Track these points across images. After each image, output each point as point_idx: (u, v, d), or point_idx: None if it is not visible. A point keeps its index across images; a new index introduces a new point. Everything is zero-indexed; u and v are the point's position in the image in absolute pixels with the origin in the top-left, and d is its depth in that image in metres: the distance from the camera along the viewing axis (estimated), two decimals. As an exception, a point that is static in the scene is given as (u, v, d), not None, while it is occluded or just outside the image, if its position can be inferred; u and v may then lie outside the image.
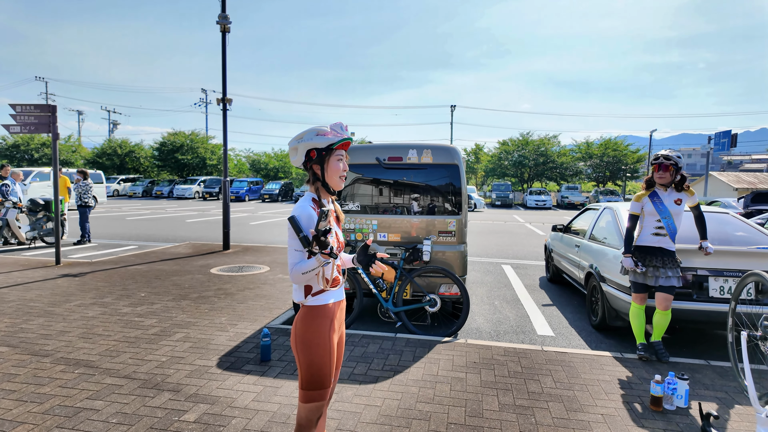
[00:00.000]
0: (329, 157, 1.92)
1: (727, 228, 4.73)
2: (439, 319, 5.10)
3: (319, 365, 1.87)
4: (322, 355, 1.88)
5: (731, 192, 36.40)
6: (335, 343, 1.96)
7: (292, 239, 1.83)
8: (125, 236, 11.99)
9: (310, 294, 1.91)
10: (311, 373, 1.87)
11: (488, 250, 10.70)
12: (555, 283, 7.26)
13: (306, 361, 1.87)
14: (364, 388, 3.27)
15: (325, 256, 1.75)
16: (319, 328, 1.89)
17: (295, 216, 1.81)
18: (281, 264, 8.00)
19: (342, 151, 1.96)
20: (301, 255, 1.83)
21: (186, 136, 40.96)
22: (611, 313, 4.63)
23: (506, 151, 41.19)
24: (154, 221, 16.05)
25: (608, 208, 5.50)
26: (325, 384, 1.89)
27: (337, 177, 1.94)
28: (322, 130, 1.90)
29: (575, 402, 3.12)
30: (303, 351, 1.88)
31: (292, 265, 1.83)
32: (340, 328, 2.03)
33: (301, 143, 1.93)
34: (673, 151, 3.97)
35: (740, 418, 2.96)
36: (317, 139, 1.89)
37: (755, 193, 14.49)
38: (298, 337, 1.90)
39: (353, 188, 4.97)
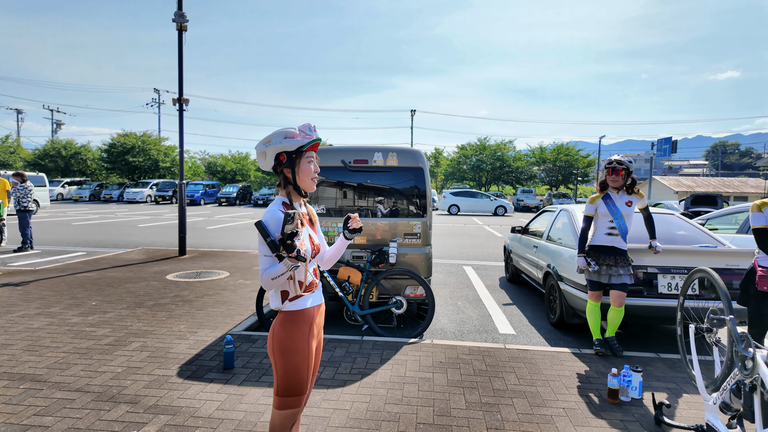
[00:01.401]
0: (300, 159, 1.89)
1: (673, 228, 5.04)
2: (405, 321, 5.13)
3: (297, 372, 1.84)
4: (300, 362, 1.84)
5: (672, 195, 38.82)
6: (314, 348, 1.93)
7: (261, 244, 1.79)
8: (72, 242, 11.32)
9: (287, 299, 1.87)
10: (288, 379, 1.83)
11: (450, 251, 10.88)
12: (514, 283, 7.48)
13: (283, 367, 1.83)
14: (332, 392, 3.24)
15: (293, 260, 1.70)
16: (297, 334, 1.85)
17: (263, 220, 1.76)
18: (241, 269, 7.81)
19: (312, 153, 1.93)
20: (271, 260, 1.78)
21: (137, 137, 39.23)
22: (569, 310, 4.82)
23: (465, 156, 42.15)
24: (104, 226, 15.25)
25: (564, 210, 5.72)
26: (301, 390, 1.86)
27: (310, 179, 1.92)
28: (291, 133, 1.86)
29: (538, 397, 3.22)
30: (280, 357, 1.84)
31: (262, 271, 1.78)
32: (319, 333, 2.00)
33: (269, 147, 1.88)
34: (625, 156, 4.20)
35: (689, 406, 3.16)
36: (286, 142, 1.85)
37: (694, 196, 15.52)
38: (275, 343, 1.85)
39: (318, 191, 4.93)
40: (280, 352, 1.83)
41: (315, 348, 1.97)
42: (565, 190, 41.78)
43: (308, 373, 1.87)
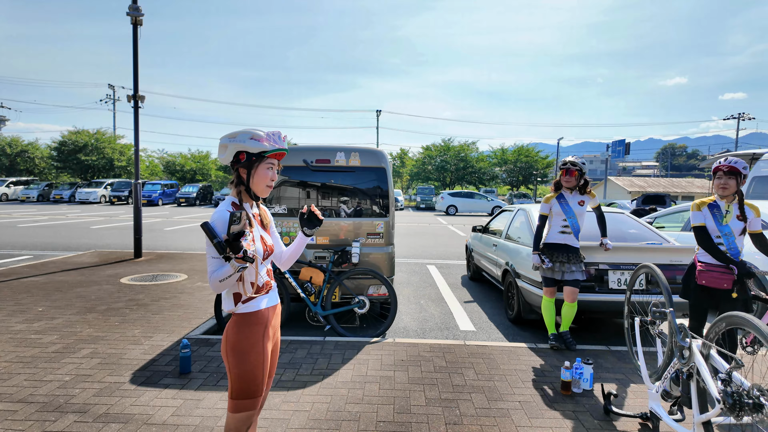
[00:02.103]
0: (259, 163, 1.86)
1: (623, 226, 5.29)
2: (367, 321, 5.15)
3: (251, 374, 1.81)
4: (254, 364, 1.82)
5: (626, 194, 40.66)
6: (269, 350, 1.91)
7: (209, 246, 1.74)
8: (17, 245, 10.69)
9: (240, 301, 1.84)
10: (242, 382, 1.81)
11: (414, 251, 10.99)
12: (476, 281, 7.64)
13: (237, 370, 1.81)
14: (293, 394, 3.21)
15: (240, 261, 1.67)
16: (251, 336, 1.83)
17: (209, 222, 1.73)
18: (200, 272, 7.60)
19: (274, 161, 1.90)
20: (219, 262, 1.74)
21: (90, 135, 37.44)
22: (526, 306, 4.97)
23: (429, 156, 42.64)
24: (53, 228, 14.48)
25: (522, 209, 5.90)
26: (256, 393, 1.84)
27: (264, 185, 1.89)
28: (258, 135, 1.83)
29: (495, 392, 3.31)
30: (234, 360, 1.81)
31: (210, 274, 1.74)
32: (275, 334, 1.98)
33: (232, 142, 1.85)
34: (578, 158, 4.37)
35: (635, 395, 3.33)
36: (250, 143, 1.82)
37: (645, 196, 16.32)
38: (228, 346, 1.82)
39: (279, 191, 4.88)
40: (234, 355, 1.81)
41: (271, 349, 1.95)
42: (525, 190, 42.99)
43: (263, 375, 1.86)
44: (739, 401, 1.96)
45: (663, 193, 17.06)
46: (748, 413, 1.94)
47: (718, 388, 2.08)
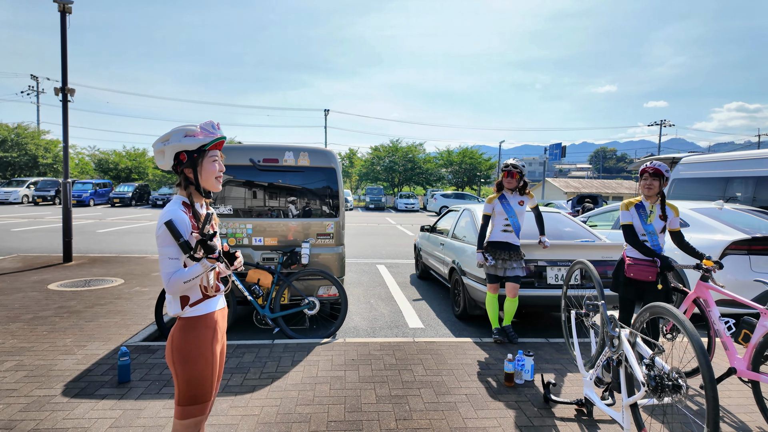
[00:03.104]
0: (202, 159, 1.81)
1: (559, 225, 5.61)
2: (318, 322, 5.12)
3: (200, 379, 1.77)
4: (203, 368, 1.77)
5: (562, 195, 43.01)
6: (218, 354, 1.86)
7: (168, 246, 1.69)
8: None
9: (188, 305, 1.79)
10: (191, 387, 1.76)
11: (363, 251, 11.03)
12: (424, 279, 7.80)
13: (185, 375, 1.75)
14: (240, 399, 3.15)
15: (212, 261, 1.67)
16: (199, 340, 1.78)
17: (173, 220, 1.68)
18: (138, 276, 7.22)
19: (216, 152, 1.86)
20: (179, 263, 1.70)
21: (10, 129, 34.27)
22: (471, 303, 5.15)
23: (378, 157, 42.88)
24: (-34, 231, 13.15)
25: (467, 209, 6.10)
26: (205, 398, 1.79)
27: (214, 179, 1.85)
28: (191, 131, 1.78)
29: (443, 386, 3.42)
30: (181, 365, 1.75)
31: (169, 275, 1.68)
32: (222, 337, 1.94)
33: (167, 145, 1.78)
34: (519, 160, 4.60)
35: (572, 383, 3.55)
36: (186, 141, 1.77)
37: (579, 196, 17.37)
38: (175, 351, 1.76)
39: (224, 191, 4.74)
40: (182, 360, 1.76)
41: (220, 353, 1.91)
42: (470, 191, 44.30)
43: (213, 380, 1.82)
44: (661, 383, 2.17)
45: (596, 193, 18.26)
46: (669, 394, 2.15)
47: (643, 372, 2.28)
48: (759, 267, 4.77)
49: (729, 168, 7.97)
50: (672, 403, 2.21)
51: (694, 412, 3.09)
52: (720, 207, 5.74)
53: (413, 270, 8.66)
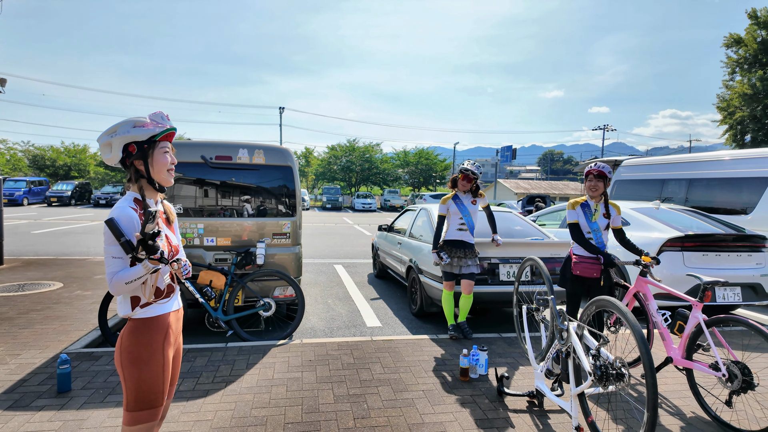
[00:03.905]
0: (153, 150, 1.74)
1: (511, 224, 5.81)
2: (274, 323, 5.02)
3: (151, 383, 1.69)
4: (154, 372, 1.70)
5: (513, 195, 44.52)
6: (170, 357, 1.78)
7: (111, 245, 1.61)
8: None
9: (138, 306, 1.71)
10: (142, 392, 1.68)
11: (321, 251, 10.93)
12: (381, 279, 7.84)
13: (135, 379, 1.67)
14: (193, 404, 3.03)
15: (155, 262, 1.59)
16: (150, 343, 1.70)
17: (114, 218, 1.60)
18: (79, 279, 6.80)
19: (167, 143, 1.80)
20: (122, 263, 1.62)
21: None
22: (428, 300, 5.23)
23: (335, 156, 42.66)
24: None
25: (424, 209, 6.19)
26: (157, 403, 1.71)
27: (166, 171, 1.78)
28: (140, 121, 1.72)
29: (401, 383, 3.45)
30: (131, 369, 1.67)
31: (111, 275, 1.60)
32: (176, 340, 1.86)
33: (115, 137, 1.70)
34: (474, 164, 4.73)
35: (524, 376, 3.68)
36: (135, 131, 1.70)
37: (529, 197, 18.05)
38: (124, 354, 1.68)
39: (174, 189, 4.55)
40: (131, 364, 1.67)
41: (172, 356, 1.84)
42: (426, 191, 44.97)
43: (164, 384, 1.74)
44: (606, 373, 2.29)
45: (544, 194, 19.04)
46: (613, 382, 2.27)
47: (589, 363, 2.40)
48: (691, 262, 5.14)
49: (665, 171, 8.55)
50: (616, 391, 2.34)
51: (636, 399, 3.29)
52: (657, 207, 6.14)
53: (371, 269, 8.68)
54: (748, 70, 26.24)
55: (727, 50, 27.15)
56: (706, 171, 7.67)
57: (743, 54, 26.35)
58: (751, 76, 25.94)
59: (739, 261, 5.26)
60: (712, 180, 7.49)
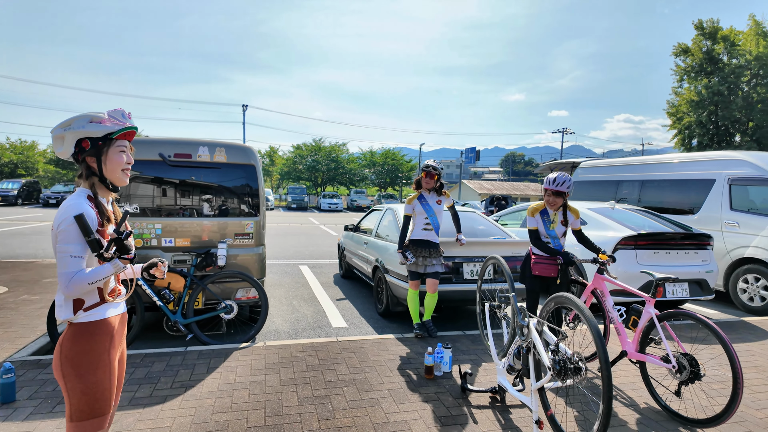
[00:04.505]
0: (108, 148, 1.67)
1: (475, 224, 5.91)
2: (236, 326, 4.90)
3: (96, 390, 1.61)
4: (99, 378, 1.61)
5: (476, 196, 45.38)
6: (116, 362, 1.71)
7: (72, 243, 1.53)
8: None
9: (82, 309, 1.62)
10: (87, 400, 1.59)
11: (286, 251, 10.77)
12: (348, 279, 7.80)
13: (78, 386, 1.58)
14: (150, 411, 2.92)
15: (125, 262, 1.57)
16: (94, 347, 1.62)
17: (84, 214, 1.54)
18: (26, 283, 6.41)
19: (125, 142, 1.72)
20: (82, 262, 1.55)
21: None
22: (393, 300, 5.25)
23: (300, 156, 42.16)
24: None
25: (390, 209, 6.21)
26: (104, 410, 1.63)
27: (120, 171, 1.70)
28: (98, 117, 1.65)
29: (366, 383, 3.44)
30: (74, 376, 1.58)
31: (70, 275, 1.52)
32: (120, 344, 1.78)
33: (69, 131, 1.63)
34: (437, 162, 4.78)
35: (486, 372, 3.75)
36: (91, 127, 1.63)
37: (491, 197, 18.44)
38: (65, 360, 1.59)
39: (131, 188, 4.37)
40: (74, 370, 1.59)
41: (118, 361, 1.76)
42: (392, 191, 45.17)
43: (111, 391, 1.66)
44: (565, 367, 2.36)
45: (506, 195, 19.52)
46: (571, 376, 2.35)
47: (549, 358, 2.47)
48: (644, 260, 5.39)
49: (619, 172, 8.92)
50: (574, 385, 2.42)
51: (593, 392, 3.42)
52: (612, 207, 6.41)
53: (337, 270, 8.62)
54: (694, 78, 27.80)
55: (675, 59, 28.67)
56: (657, 173, 8.06)
57: (690, 63, 27.90)
58: (697, 84, 27.50)
59: (687, 258, 5.56)
60: (662, 181, 7.89)
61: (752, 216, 6.32)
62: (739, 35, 26.70)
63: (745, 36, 26.55)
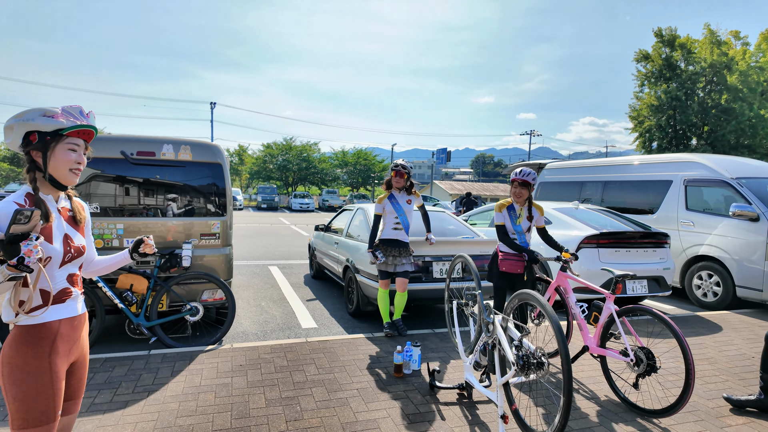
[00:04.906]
0: (56, 144, 1.61)
1: (444, 223, 5.98)
2: (202, 328, 4.79)
3: (37, 398, 1.53)
4: (40, 386, 1.54)
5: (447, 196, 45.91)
6: (60, 368, 1.62)
7: None
8: None
9: (23, 311, 1.54)
10: (26, 408, 1.52)
11: (255, 252, 10.61)
12: (318, 279, 7.75)
13: (18, 393, 1.51)
14: (110, 417, 2.82)
15: (12, 269, 1.40)
16: (34, 353, 1.55)
17: None
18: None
19: (77, 140, 1.66)
20: None
21: None
22: (364, 299, 5.25)
23: (271, 155, 41.58)
24: None
25: (360, 208, 6.21)
26: (47, 419, 1.56)
27: (67, 170, 1.63)
28: (51, 112, 1.59)
29: (335, 383, 3.43)
30: (11, 382, 1.51)
31: None
32: (73, 349, 1.69)
33: (19, 122, 1.57)
34: (407, 161, 4.82)
35: (454, 369, 3.80)
36: (42, 120, 1.57)
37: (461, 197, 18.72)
38: (5, 365, 1.52)
39: (91, 186, 4.21)
40: (12, 376, 1.52)
41: (75, 366, 1.70)
42: (364, 191, 45.15)
43: (54, 398, 1.58)
44: (528, 362, 2.42)
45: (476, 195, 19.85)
46: (534, 371, 2.41)
47: (513, 353, 2.53)
48: (605, 258, 5.59)
49: (583, 174, 9.21)
50: (537, 379, 2.48)
51: (555, 386, 3.52)
52: (576, 207, 6.61)
53: (307, 270, 8.56)
54: (654, 83, 29.01)
55: (637, 64, 29.83)
56: (618, 174, 8.37)
57: (651, 69, 29.09)
58: (657, 89, 28.71)
59: (646, 256, 5.79)
60: (623, 182, 8.19)
61: (706, 215, 6.65)
62: (695, 43, 28.05)
63: (700, 44, 27.91)
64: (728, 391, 3.49)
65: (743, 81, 26.08)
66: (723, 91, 26.68)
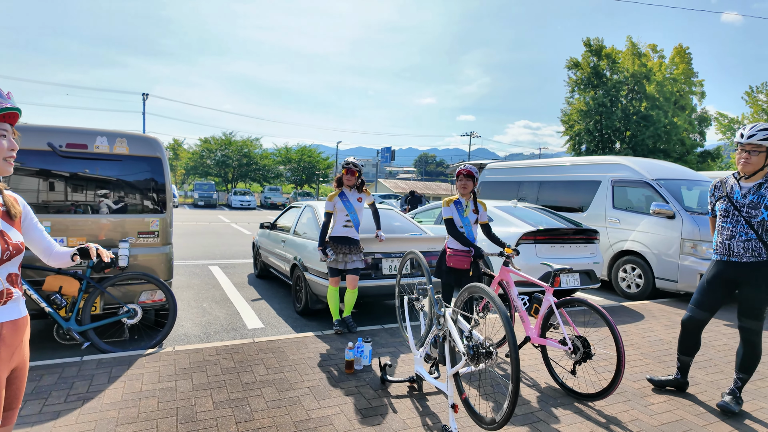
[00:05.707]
0: None
1: (392, 221, 6.06)
2: (140, 331, 4.53)
3: None
4: None
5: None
6: (1, 375, 1.50)
7: None
8: None
9: None
10: None
11: (194, 251, 10.15)
12: (263, 279, 7.57)
13: None
14: (40, 429, 2.61)
15: None
16: None
17: None
18: None
19: (5, 125, 1.52)
20: None
21: None
22: (313, 297, 5.21)
23: (209, 150, 39.87)
24: None
25: (309, 206, 6.14)
26: None
27: (1, 159, 1.50)
28: None
29: (286, 382, 3.38)
30: None
31: None
32: (15, 355, 1.57)
33: None
34: (359, 160, 4.84)
35: (405, 363, 3.88)
36: None
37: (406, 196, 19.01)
38: None
39: (10, 180, 3.85)
40: None
41: (15, 373, 1.56)
42: (308, 189, 44.53)
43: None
44: (477, 352, 2.53)
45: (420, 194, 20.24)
46: (483, 360, 2.52)
47: (463, 344, 2.62)
48: (542, 253, 5.92)
49: (521, 174, 9.69)
50: (486, 368, 2.60)
51: (502, 375, 3.69)
52: (515, 205, 6.94)
53: (252, 269, 8.33)
54: (583, 90, 31.03)
55: (568, 71, 31.76)
56: (552, 175, 8.88)
57: (580, 76, 31.09)
58: (585, 95, 30.72)
59: (578, 251, 6.20)
60: (557, 182, 8.71)
61: (630, 213, 7.23)
62: (619, 54, 30.33)
63: (623, 55, 30.22)
64: (650, 372, 3.84)
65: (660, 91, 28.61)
66: (642, 99, 29.10)
